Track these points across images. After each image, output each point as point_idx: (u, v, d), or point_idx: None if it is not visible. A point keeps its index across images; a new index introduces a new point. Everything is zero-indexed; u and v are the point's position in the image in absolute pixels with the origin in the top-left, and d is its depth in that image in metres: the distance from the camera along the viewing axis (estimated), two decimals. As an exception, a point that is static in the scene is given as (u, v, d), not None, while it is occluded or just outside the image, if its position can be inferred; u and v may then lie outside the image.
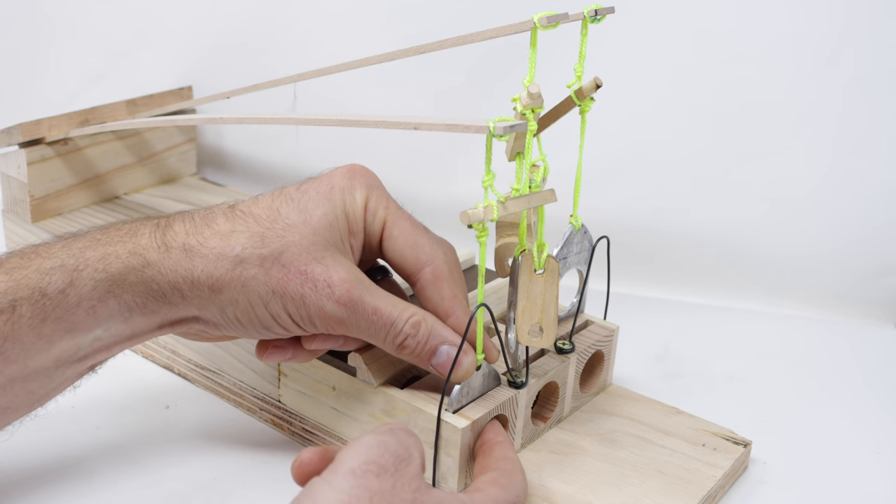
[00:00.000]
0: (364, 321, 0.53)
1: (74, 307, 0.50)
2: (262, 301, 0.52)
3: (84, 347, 0.51)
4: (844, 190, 0.84)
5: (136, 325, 0.52)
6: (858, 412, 0.70)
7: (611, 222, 0.75)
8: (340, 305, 0.52)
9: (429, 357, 0.54)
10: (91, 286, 0.50)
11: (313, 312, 0.52)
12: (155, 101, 0.87)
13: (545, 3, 0.55)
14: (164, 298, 0.52)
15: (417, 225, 0.56)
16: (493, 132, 0.49)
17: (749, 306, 0.85)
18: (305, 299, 0.52)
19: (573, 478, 0.58)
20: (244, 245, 0.52)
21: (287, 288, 0.51)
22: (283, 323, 0.53)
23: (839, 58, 0.81)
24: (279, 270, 0.51)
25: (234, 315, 0.52)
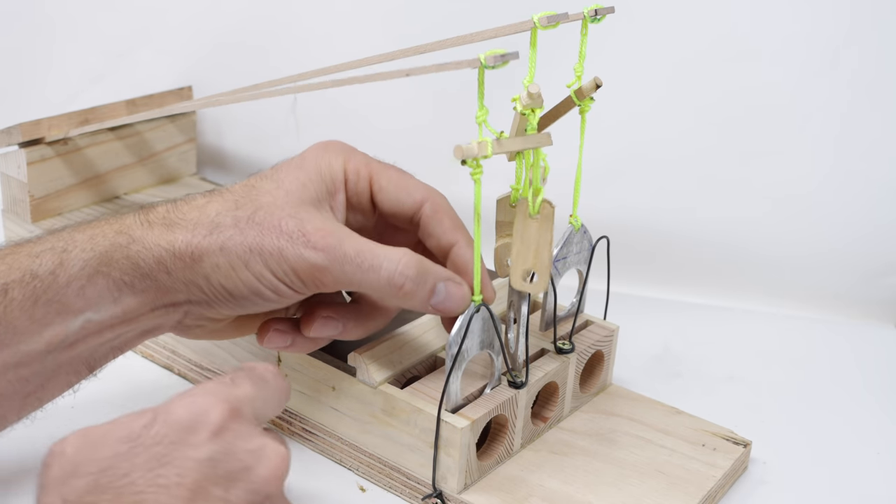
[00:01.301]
0: (349, 265, 0.51)
1: (64, 288, 0.49)
2: (242, 261, 0.51)
3: (75, 330, 0.50)
4: (845, 190, 0.83)
5: (126, 306, 0.51)
6: (858, 412, 0.70)
7: (611, 222, 0.75)
8: (319, 251, 0.51)
9: (428, 297, 0.53)
10: (80, 266, 0.50)
11: (294, 264, 0.51)
12: (155, 100, 0.87)
13: (545, 3, 0.55)
14: (151, 277, 0.51)
15: (404, 172, 0.56)
16: (484, 63, 0.49)
17: (749, 306, 0.85)
18: (283, 252, 0.51)
19: (573, 478, 0.58)
20: (218, 211, 0.52)
21: (263, 244, 0.51)
22: (268, 283, 0.52)
23: (842, 58, 0.81)
24: (254, 228, 0.51)
25: (219, 283, 0.52)
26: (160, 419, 0.40)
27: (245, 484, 0.39)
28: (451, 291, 0.53)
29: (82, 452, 0.39)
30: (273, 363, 0.46)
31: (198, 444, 0.39)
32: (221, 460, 0.39)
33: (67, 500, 0.38)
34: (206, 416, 0.40)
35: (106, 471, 0.38)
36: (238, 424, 0.41)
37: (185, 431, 0.40)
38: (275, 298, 0.52)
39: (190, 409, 0.41)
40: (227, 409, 0.41)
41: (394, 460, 0.58)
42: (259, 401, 0.43)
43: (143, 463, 0.38)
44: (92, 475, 0.38)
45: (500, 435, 0.58)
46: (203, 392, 0.42)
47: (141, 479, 0.38)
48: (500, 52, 0.49)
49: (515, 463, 0.59)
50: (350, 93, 0.90)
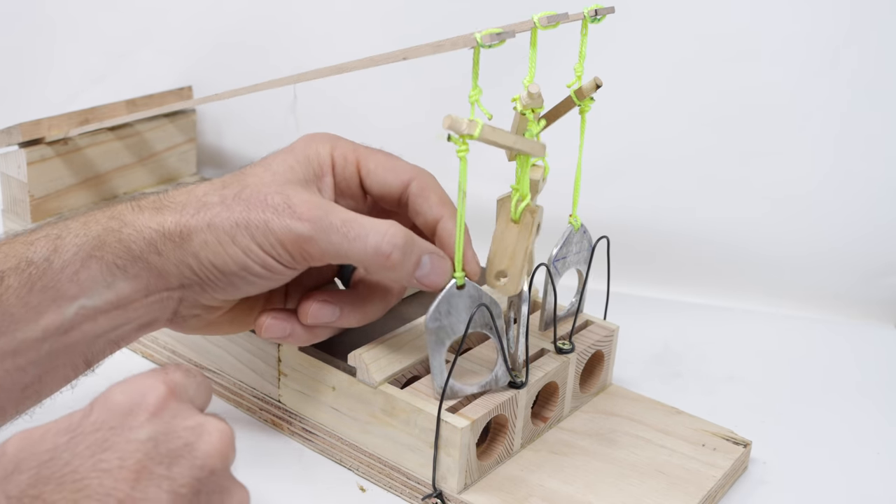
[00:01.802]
0: (336, 235, 0.52)
1: (58, 273, 0.49)
2: (230, 236, 0.51)
3: (70, 317, 0.50)
4: (845, 189, 0.83)
5: (119, 291, 0.51)
6: (858, 412, 0.70)
7: (610, 222, 0.75)
8: (305, 221, 0.51)
9: (414, 268, 0.53)
10: (73, 251, 0.50)
11: (281, 236, 0.51)
12: (155, 100, 0.87)
13: (545, 3, 0.55)
14: (142, 259, 0.51)
15: (391, 154, 0.57)
16: (480, 43, 0.49)
17: (749, 306, 0.85)
18: (269, 224, 0.51)
19: (573, 478, 0.58)
20: (206, 191, 0.53)
21: (250, 217, 0.51)
22: (256, 257, 0.52)
23: (842, 58, 0.81)
24: (240, 204, 0.52)
25: (208, 261, 0.52)
26: (98, 406, 0.40)
27: (188, 460, 0.39)
28: (436, 264, 0.53)
29: (24, 450, 0.39)
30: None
31: (137, 426, 0.39)
32: (162, 440, 0.39)
33: (10, 496, 0.37)
34: (143, 398, 0.40)
35: (47, 463, 0.38)
36: (176, 403, 0.41)
37: (124, 415, 0.40)
38: (264, 274, 0.53)
39: (127, 393, 0.41)
40: (164, 390, 0.41)
41: (394, 460, 0.58)
42: (191, 388, 0.43)
43: (83, 450, 0.38)
44: (33, 469, 0.38)
45: (500, 435, 0.58)
46: (139, 377, 0.42)
47: (82, 466, 0.38)
48: (496, 30, 0.49)
49: (515, 463, 0.59)
50: (350, 92, 0.90)
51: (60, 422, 0.40)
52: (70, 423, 0.39)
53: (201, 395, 0.44)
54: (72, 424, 0.39)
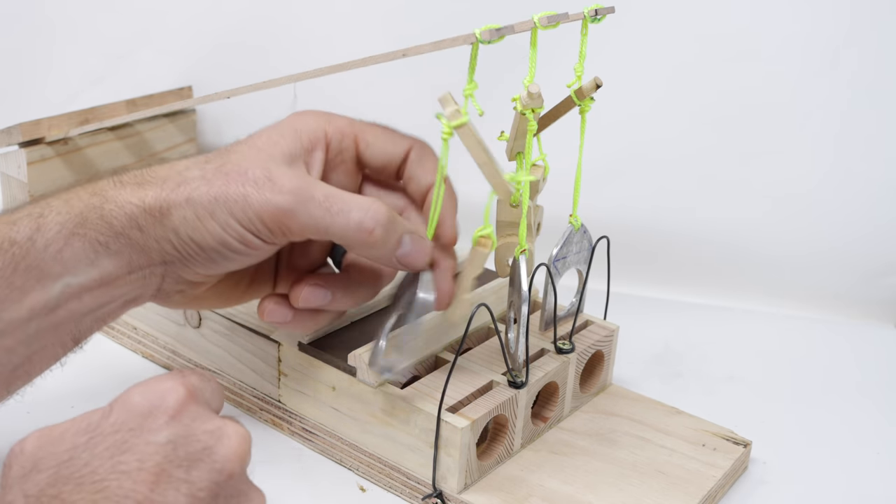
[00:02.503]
0: (317, 209, 0.51)
1: (42, 252, 0.49)
2: (208, 211, 0.50)
3: (55, 296, 0.50)
4: (845, 189, 0.83)
5: (103, 269, 0.51)
6: (858, 412, 0.70)
7: (611, 222, 0.75)
8: (285, 194, 0.50)
9: (395, 246, 0.52)
10: (56, 229, 0.50)
11: (260, 209, 0.50)
12: (155, 100, 0.87)
13: (545, 3, 0.55)
14: (124, 235, 0.51)
15: (387, 126, 0.57)
16: (480, 39, 0.49)
17: (749, 306, 0.85)
18: (248, 198, 0.50)
19: (573, 478, 0.58)
20: (187, 165, 0.52)
21: (228, 191, 0.51)
22: (234, 233, 0.51)
23: (841, 58, 0.81)
24: (220, 178, 0.51)
25: (188, 237, 0.51)
26: (117, 408, 0.40)
27: (207, 464, 0.39)
28: (417, 244, 0.53)
29: (42, 448, 0.39)
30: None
31: (156, 429, 0.39)
32: (181, 442, 0.39)
33: (29, 495, 0.37)
34: (162, 400, 0.40)
35: (66, 462, 0.38)
36: (195, 406, 0.41)
37: (143, 417, 0.40)
38: (243, 250, 0.52)
39: (146, 395, 0.41)
40: (183, 393, 0.41)
41: (394, 460, 0.58)
42: (207, 391, 0.43)
43: (103, 451, 0.38)
44: (52, 468, 0.38)
45: (500, 435, 0.58)
46: (158, 379, 0.42)
47: (102, 468, 0.38)
48: (495, 26, 0.49)
49: (515, 463, 0.59)
50: (350, 92, 0.90)
51: (79, 421, 0.40)
52: (89, 424, 0.39)
53: (216, 400, 0.44)
54: (91, 425, 0.39)
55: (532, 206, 0.58)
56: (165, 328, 0.69)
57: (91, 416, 0.40)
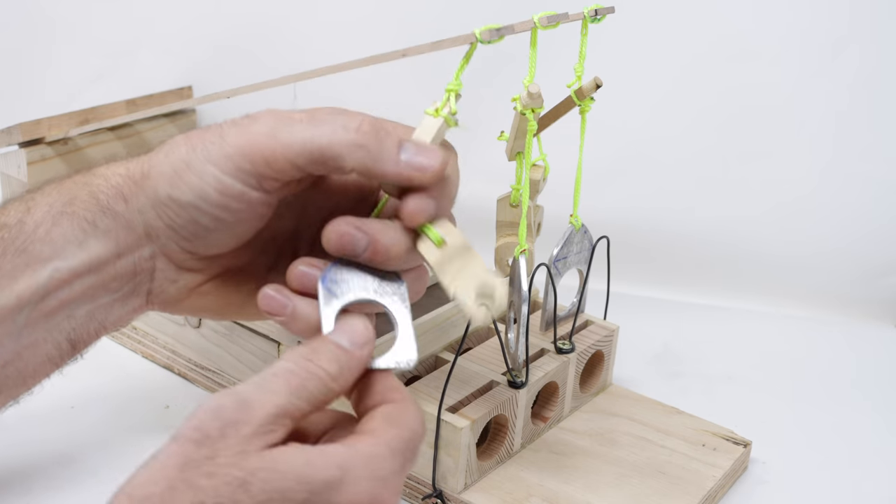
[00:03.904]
0: (298, 125, 0.47)
1: (31, 234, 0.48)
2: (185, 162, 0.48)
3: (44, 282, 0.48)
4: (845, 190, 0.84)
5: (91, 250, 0.49)
6: (858, 412, 0.70)
7: (611, 222, 0.75)
8: (263, 120, 0.47)
9: (396, 150, 0.46)
10: (45, 209, 0.49)
11: (236, 141, 0.47)
12: (155, 100, 0.87)
13: (545, 3, 0.55)
14: (110, 210, 0.49)
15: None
16: (479, 38, 0.48)
17: (749, 306, 0.86)
18: (225, 136, 0.47)
19: (573, 478, 0.58)
20: (172, 135, 0.51)
21: (205, 137, 0.48)
22: (210, 178, 0.47)
23: (841, 58, 0.81)
24: (199, 132, 0.49)
25: (165, 195, 0.48)
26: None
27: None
28: (422, 146, 0.47)
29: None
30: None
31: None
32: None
33: None
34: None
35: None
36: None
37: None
38: (222, 201, 0.48)
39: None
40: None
41: (394, 460, 0.58)
42: (304, 394, 0.42)
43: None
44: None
45: (500, 435, 0.58)
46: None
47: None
48: (495, 26, 0.49)
49: (515, 463, 0.59)
50: (350, 92, 0.90)
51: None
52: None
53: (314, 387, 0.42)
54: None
55: (532, 206, 0.58)
56: (165, 328, 0.69)
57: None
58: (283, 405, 0.40)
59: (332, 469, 0.39)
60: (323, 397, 0.42)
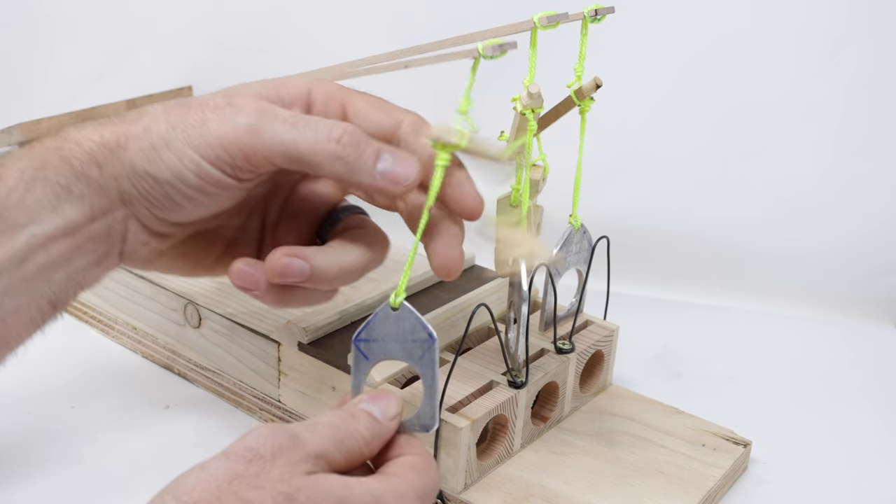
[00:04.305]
0: (281, 125, 0.47)
1: (4, 200, 0.48)
2: (164, 139, 0.48)
3: (21, 247, 0.48)
4: (845, 189, 0.84)
5: (66, 214, 0.49)
6: (858, 412, 0.70)
7: (611, 222, 0.75)
8: (247, 113, 0.47)
9: (374, 160, 0.47)
10: (17, 175, 0.49)
11: (220, 133, 0.47)
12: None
13: (545, 3, 0.55)
14: (84, 175, 0.49)
15: (382, 98, 0.53)
16: (482, 53, 0.48)
17: (749, 306, 0.86)
18: (207, 123, 0.47)
19: (573, 478, 0.58)
20: (153, 105, 0.50)
21: (187, 119, 0.48)
22: (190, 162, 0.47)
23: (841, 57, 0.81)
24: (180, 109, 0.49)
25: (143, 170, 0.48)
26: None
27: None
28: (399, 155, 0.48)
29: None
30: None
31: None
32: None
33: None
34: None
35: None
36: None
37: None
38: (199, 184, 0.48)
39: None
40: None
41: (394, 460, 0.58)
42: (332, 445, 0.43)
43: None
44: None
45: (500, 435, 0.58)
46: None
47: None
48: (498, 41, 0.49)
49: (515, 463, 0.59)
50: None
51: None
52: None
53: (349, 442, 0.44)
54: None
55: (532, 206, 0.58)
56: (165, 328, 0.69)
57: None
58: (326, 449, 0.43)
59: (367, 496, 0.41)
60: (355, 458, 0.44)
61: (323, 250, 0.51)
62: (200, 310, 0.66)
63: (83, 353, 0.71)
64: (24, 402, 0.64)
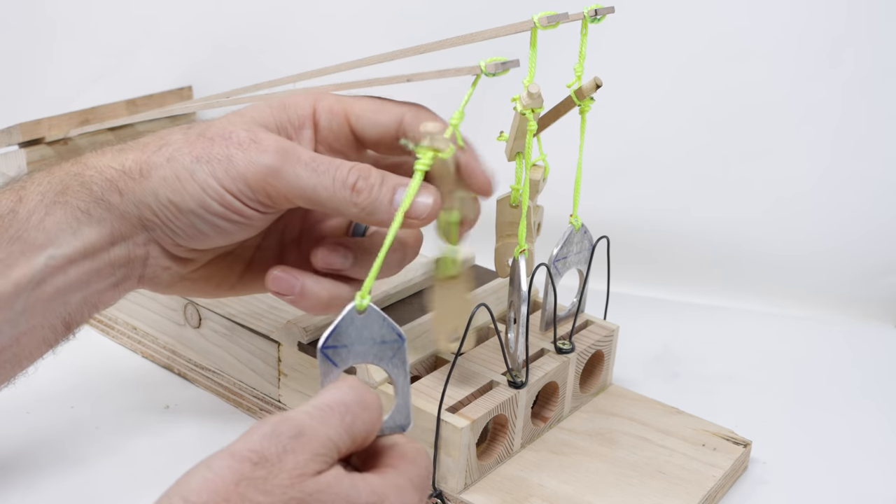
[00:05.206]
0: (303, 169, 0.49)
1: (24, 222, 0.49)
2: (189, 171, 0.49)
3: (40, 268, 0.49)
4: (844, 189, 0.84)
5: (85, 238, 0.50)
6: (858, 412, 0.70)
7: (611, 222, 0.75)
8: (271, 153, 0.49)
9: (390, 199, 0.49)
10: (38, 199, 0.49)
11: (243, 169, 0.49)
12: (155, 101, 0.87)
13: (545, 3, 0.55)
14: (104, 201, 0.50)
15: (380, 97, 0.54)
16: (484, 71, 0.48)
17: (748, 306, 0.86)
18: (232, 158, 0.49)
19: (573, 478, 0.58)
20: (170, 131, 0.51)
21: (212, 152, 0.49)
22: (214, 193, 0.49)
23: (839, 58, 0.81)
24: (203, 141, 0.50)
25: (166, 198, 0.50)
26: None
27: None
28: (416, 196, 0.49)
29: None
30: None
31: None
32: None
33: None
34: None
35: None
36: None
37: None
38: (224, 213, 0.50)
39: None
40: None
41: (394, 460, 0.58)
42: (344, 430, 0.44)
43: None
44: None
45: (500, 435, 0.58)
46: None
47: None
48: (500, 59, 0.49)
49: (515, 463, 0.59)
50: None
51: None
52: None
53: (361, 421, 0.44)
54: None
55: (532, 206, 0.58)
56: (165, 328, 0.69)
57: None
58: (335, 439, 0.43)
59: (372, 495, 0.42)
60: (362, 440, 0.44)
61: (364, 243, 0.54)
62: (200, 310, 0.66)
63: (83, 353, 0.71)
64: (24, 402, 0.64)
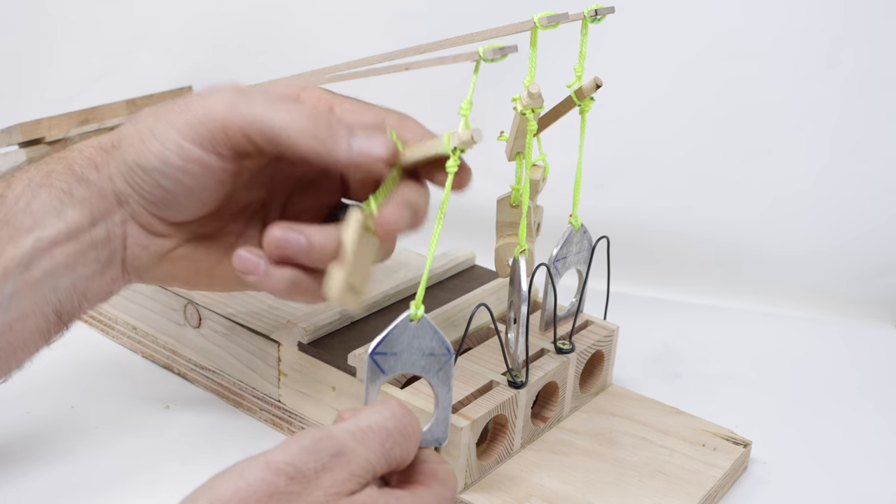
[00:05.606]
0: (259, 104, 0.49)
1: (12, 206, 0.51)
2: (151, 130, 0.50)
3: (27, 251, 0.50)
4: (843, 189, 0.84)
5: (69, 219, 0.51)
6: (858, 412, 0.70)
7: (611, 222, 0.75)
8: (226, 91, 0.50)
9: (348, 135, 0.49)
10: (25, 183, 0.51)
11: (200, 113, 0.49)
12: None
13: (545, 3, 0.55)
14: (84, 179, 0.52)
15: (362, 100, 0.54)
16: (483, 57, 0.48)
17: (748, 306, 0.86)
18: (190, 106, 0.50)
19: (573, 478, 0.58)
20: (145, 107, 0.53)
21: (172, 108, 0.50)
22: (173, 145, 0.49)
23: (838, 58, 0.81)
24: (168, 105, 0.51)
25: (133, 162, 0.50)
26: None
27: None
28: (371, 134, 0.49)
29: None
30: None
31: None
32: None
33: None
34: None
35: None
36: None
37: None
38: (182, 165, 0.50)
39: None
40: None
41: (394, 460, 0.58)
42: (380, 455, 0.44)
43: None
44: None
45: (500, 435, 0.58)
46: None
47: None
48: (498, 45, 0.49)
49: (515, 463, 0.59)
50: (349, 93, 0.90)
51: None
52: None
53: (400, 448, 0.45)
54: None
55: (532, 206, 0.58)
56: (165, 328, 0.69)
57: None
58: (373, 462, 0.43)
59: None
60: (397, 464, 0.45)
61: (321, 226, 0.51)
62: (200, 310, 0.66)
63: (83, 352, 0.71)
64: (24, 402, 0.65)
